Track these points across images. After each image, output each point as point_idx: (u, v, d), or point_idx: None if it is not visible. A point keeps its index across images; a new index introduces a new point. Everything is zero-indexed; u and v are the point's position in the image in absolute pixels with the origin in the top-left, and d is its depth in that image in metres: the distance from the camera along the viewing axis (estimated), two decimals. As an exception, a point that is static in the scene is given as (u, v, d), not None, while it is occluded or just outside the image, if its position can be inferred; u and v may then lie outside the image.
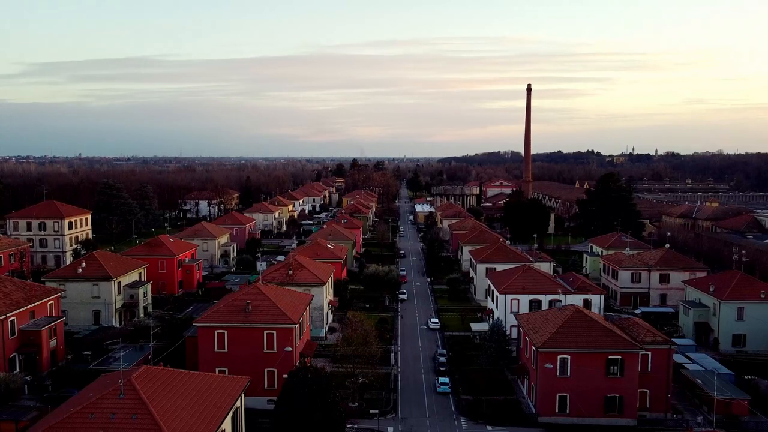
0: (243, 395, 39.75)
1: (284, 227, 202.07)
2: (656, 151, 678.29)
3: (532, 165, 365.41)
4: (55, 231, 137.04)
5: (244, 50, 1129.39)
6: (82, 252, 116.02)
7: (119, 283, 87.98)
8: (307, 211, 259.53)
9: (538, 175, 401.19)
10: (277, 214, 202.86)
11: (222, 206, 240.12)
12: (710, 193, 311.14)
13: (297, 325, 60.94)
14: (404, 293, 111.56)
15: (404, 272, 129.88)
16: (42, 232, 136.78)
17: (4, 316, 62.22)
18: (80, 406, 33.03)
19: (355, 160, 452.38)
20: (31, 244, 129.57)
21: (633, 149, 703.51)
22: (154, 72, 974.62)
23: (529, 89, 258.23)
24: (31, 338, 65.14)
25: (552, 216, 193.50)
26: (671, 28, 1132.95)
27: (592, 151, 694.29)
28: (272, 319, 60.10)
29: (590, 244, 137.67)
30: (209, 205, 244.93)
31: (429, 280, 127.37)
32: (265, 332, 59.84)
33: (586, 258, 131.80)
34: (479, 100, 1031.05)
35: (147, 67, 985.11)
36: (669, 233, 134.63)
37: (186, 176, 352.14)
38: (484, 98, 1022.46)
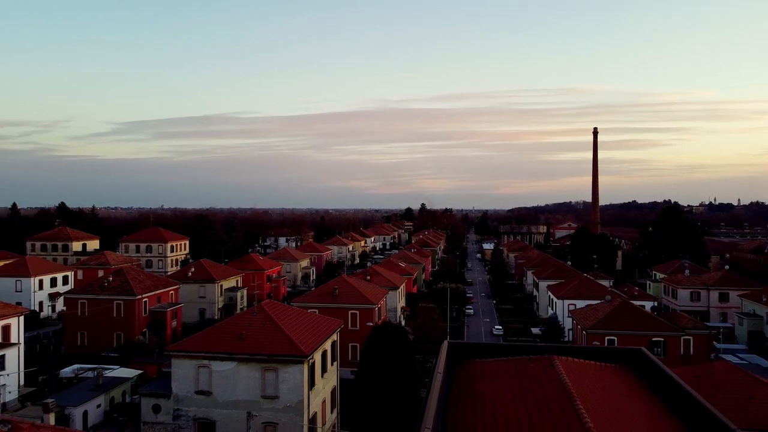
0: (338, 332, 50.67)
1: (357, 260, 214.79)
2: (739, 201, 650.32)
3: (604, 213, 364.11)
4: (159, 253, 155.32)
5: (312, 107, 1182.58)
6: (191, 260, 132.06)
7: (221, 286, 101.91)
8: (377, 248, 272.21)
9: (609, 220, 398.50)
10: (350, 248, 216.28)
11: (300, 242, 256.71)
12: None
13: (377, 307, 71.70)
14: (471, 309, 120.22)
15: (471, 295, 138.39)
16: (148, 254, 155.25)
17: (140, 296, 76.50)
18: (225, 320, 45.05)
19: (423, 205, 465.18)
20: (140, 262, 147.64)
21: (714, 199, 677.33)
22: (229, 128, 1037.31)
23: (595, 132, 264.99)
24: (158, 318, 78.93)
25: (620, 253, 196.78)
26: (749, 76, 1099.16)
27: (669, 201, 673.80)
28: (356, 301, 71.20)
29: (653, 272, 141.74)
30: (287, 241, 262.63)
31: (494, 301, 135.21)
32: (350, 312, 70.80)
33: (649, 284, 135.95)
34: (549, 151, 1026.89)
35: (223, 124, 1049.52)
36: (728, 255, 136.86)
37: (263, 218, 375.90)
38: (554, 150, 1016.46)
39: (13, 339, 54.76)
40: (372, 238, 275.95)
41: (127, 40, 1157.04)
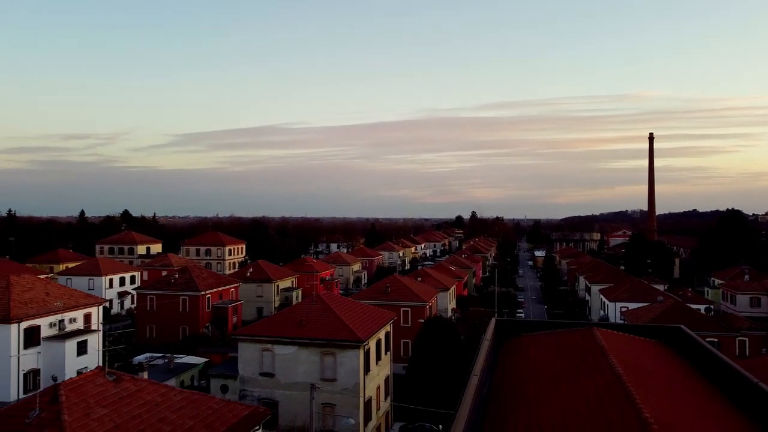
0: (391, 324, 53.13)
1: (407, 266, 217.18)
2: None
3: (663, 222, 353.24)
4: (218, 256, 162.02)
5: (363, 116, 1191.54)
6: (249, 261, 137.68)
7: (278, 285, 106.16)
8: (428, 255, 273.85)
9: (667, 229, 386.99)
10: (401, 253, 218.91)
11: (351, 248, 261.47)
12: None
13: (428, 305, 73.81)
14: (522, 312, 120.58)
15: (522, 300, 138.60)
16: (207, 257, 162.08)
17: (204, 292, 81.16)
18: (286, 309, 48.17)
19: (474, 213, 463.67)
20: (200, 264, 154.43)
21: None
22: (282, 139, 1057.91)
23: (651, 137, 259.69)
24: (220, 313, 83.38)
25: (677, 261, 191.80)
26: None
27: (733, 209, 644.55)
28: (408, 298, 73.51)
29: (712, 278, 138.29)
30: (339, 246, 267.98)
31: (546, 306, 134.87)
32: (402, 309, 73.07)
33: (707, 291, 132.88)
34: (603, 159, 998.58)
35: (276, 135, 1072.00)
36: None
37: (315, 225, 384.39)
38: (609, 158, 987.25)
39: (94, 326, 59.66)
40: (422, 245, 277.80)
41: (181, 55, 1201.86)
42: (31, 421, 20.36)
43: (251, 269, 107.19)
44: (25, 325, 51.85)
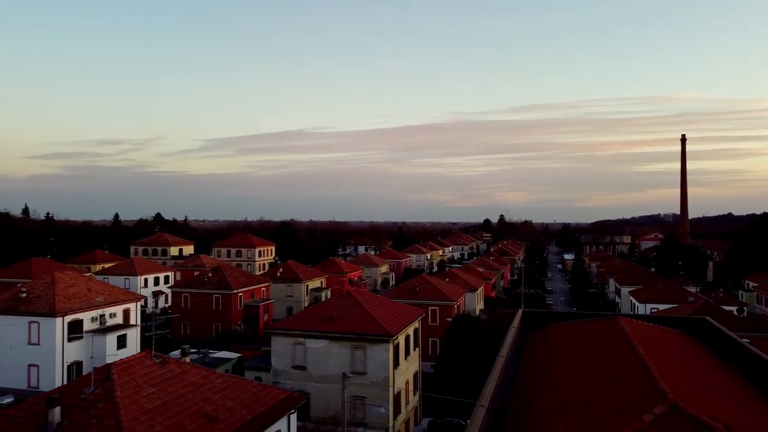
0: (419, 321, 54.08)
1: (435, 268, 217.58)
2: None
3: (696, 226, 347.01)
4: (248, 258, 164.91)
5: (389, 120, 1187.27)
6: (279, 262, 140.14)
7: (307, 285, 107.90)
8: (455, 258, 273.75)
9: (701, 233, 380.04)
10: (428, 256, 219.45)
11: (378, 250, 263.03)
12: None
13: (456, 305, 74.51)
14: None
15: (551, 302, 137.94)
16: (238, 258, 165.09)
17: (236, 291, 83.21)
18: (317, 305, 49.56)
19: (502, 216, 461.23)
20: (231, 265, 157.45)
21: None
22: (309, 143, 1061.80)
23: (683, 139, 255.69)
24: (252, 312, 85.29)
25: (711, 264, 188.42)
26: None
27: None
28: (436, 297, 74.33)
29: (746, 281, 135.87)
30: (366, 249, 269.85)
31: (575, 309, 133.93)
32: (430, 308, 73.91)
33: (741, 294, 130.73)
34: (633, 162, 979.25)
35: (303, 139, 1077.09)
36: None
37: (343, 228, 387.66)
38: (640, 160, 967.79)
39: (132, 321, 61.94)
40: (450, 248, 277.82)
41: (209, 61, 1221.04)
42: (86, 396, 21.94)
43: (281, 269, 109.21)
44: (69, 318, 54.25)
